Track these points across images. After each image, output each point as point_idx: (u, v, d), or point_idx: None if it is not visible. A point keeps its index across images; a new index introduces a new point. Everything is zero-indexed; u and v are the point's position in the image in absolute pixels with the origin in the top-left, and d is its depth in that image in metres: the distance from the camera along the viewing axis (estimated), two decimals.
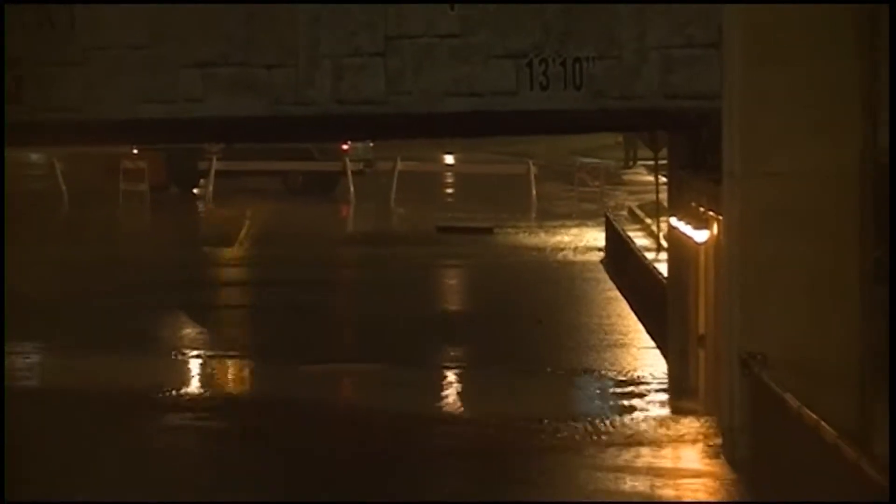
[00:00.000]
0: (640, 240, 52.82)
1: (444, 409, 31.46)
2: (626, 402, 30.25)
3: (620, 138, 68.88)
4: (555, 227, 65.40)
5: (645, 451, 25.28)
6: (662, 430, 27.19)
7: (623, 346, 37.66)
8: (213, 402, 31.75)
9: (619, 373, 34.00)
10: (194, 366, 35.89)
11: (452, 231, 63.70)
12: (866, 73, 23.08)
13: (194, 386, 33.64)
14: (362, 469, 24.97)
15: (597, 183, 77.94)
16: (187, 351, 37.61)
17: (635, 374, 33.40)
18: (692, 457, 24.89)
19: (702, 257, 29.53)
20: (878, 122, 23.12)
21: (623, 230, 54.30)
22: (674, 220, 33.64)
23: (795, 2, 23.30)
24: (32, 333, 39.49)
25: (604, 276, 50.39)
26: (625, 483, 23.09)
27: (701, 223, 29.02)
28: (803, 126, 23.27)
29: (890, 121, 15.10)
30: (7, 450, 24.69)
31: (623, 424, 27.92)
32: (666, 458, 24.94)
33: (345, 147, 75.44)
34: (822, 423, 17.74)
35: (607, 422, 28.16)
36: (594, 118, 29.53)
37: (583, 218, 65.58)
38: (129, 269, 52.40)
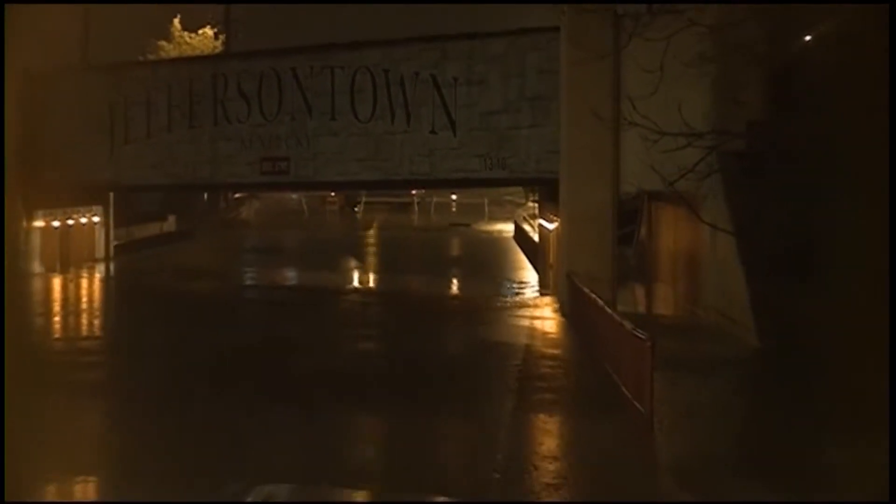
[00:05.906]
0: (527, 227, 52.60)
1: (451, 291, 31.59)
2: (521, 290, 30.29)
3: (522, 189, 68.57)
4: (494, 224, 65.20)
5: (529, 309, 25.37)
6: (536, 301, 27.31)
7: (520, 268, 37.58)
8: (363, 289, 31.84)
9: (519, 279, 34.12)
10: (356, 276, 36.00)
11: (455, 225, 63.64)
12: (614, 155, 22.75)
13: (355, 283, 33.80)
14: (421, 313, 24.93)
15: (511, 207, 77.76)
16: (352, 269, 37.51)
17: (525, 280, 33.49)
18: (548, 312, 24.87)
19: (552, 234, 29.70)
20: (620, 180, 23.29)
21: (521, 225, 54.27)
22: (541, 221, 33.81)
23: None
24: (284, 263, 39.13)
25: (513, 243, 50.43)
26: (522, 321, 22.98)
27: (552, 221, 29.20)
28: (588, 182, 23.02)
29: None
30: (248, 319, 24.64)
31: (521, 298, 28.07)
32: (538, 311, 24.94)
33: (413, 192, 75.30)
34: (598, 299, 18.10)
35: (515, 297, 28.35)
36: (511, 182, 29.63)
37: (506, 220, 65.31)
38: (328, 240, 52.36)
